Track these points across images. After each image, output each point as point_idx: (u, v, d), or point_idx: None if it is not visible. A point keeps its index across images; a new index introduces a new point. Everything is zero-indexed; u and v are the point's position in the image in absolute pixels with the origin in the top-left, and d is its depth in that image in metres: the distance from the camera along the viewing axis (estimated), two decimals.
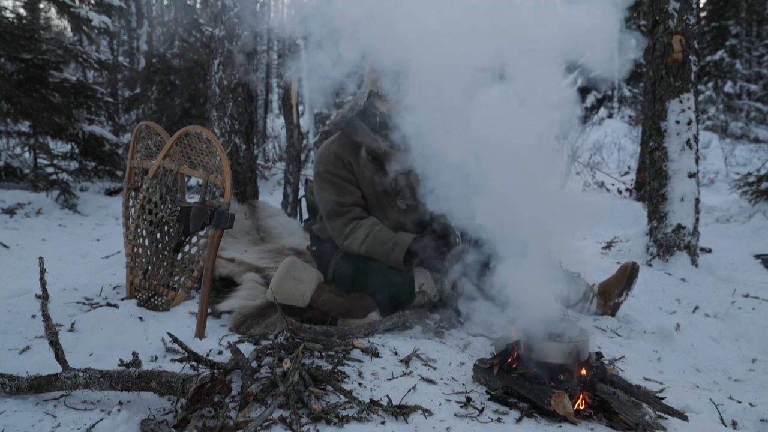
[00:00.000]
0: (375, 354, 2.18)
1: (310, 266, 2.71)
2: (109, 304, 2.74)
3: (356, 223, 2.73)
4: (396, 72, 2.33)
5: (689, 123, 4.07)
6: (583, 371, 1.87)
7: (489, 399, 1.88)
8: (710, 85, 17.36)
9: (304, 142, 10.79)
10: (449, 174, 2.31)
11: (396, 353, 2.24)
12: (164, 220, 2.84)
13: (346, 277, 2.73)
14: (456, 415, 1.76)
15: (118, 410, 1.73)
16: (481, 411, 1.79)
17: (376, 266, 2.66)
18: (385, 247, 2.65)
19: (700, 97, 15.34)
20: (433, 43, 2.10)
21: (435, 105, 2.18)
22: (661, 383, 2.15)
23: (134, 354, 2.15)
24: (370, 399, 1.82)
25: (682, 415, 1.74)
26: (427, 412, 1.74)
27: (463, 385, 2.00)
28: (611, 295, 2.84)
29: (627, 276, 2.84)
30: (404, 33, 2.15)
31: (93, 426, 1.67)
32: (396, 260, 2.64)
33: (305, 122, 13.70)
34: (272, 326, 2.53)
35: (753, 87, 17.41)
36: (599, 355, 2.04)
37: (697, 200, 4.10)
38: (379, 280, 2.63)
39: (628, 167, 9.72)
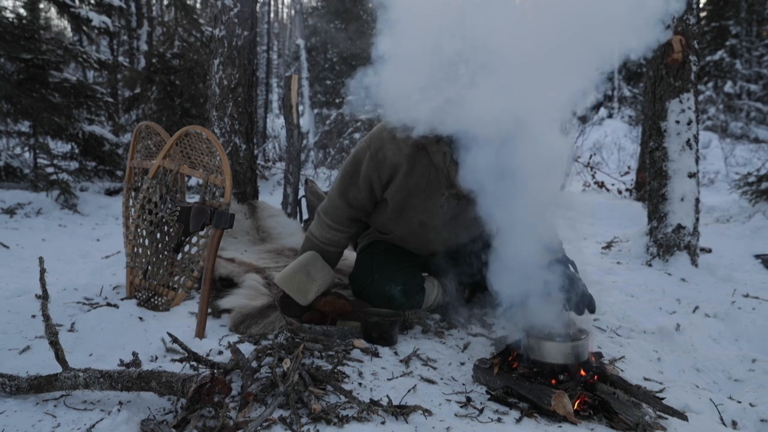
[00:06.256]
0: (375, 354, 2.19)
1: (329, 268, 2.60)
2: (109, 304, 2.74)
3: (324, 221, 2.62)
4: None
5: (689, 123, 4.07)
6: (583, 371, 1.87)
7: (489, 399, 1.88)
8: (710, 85, 17.38)
9: (304, 142, 10.77)
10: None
11: (396, 353, 2.24)
12: (164, 220, 2.84)
13: (356, 287, 2.70)
14: (456, 415, 1.76)
15: (118, 410, 1.73)
16: (481, 411, 1.79)
17: (384, 279, 2.57)
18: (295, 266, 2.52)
19: (700, 97, 15.34)
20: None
21: None
22: (661, 383, 2.14)
23: (134, 354, 2.15)
24: (370, 399, 1.82)
25: (682, 415, 1.74)
26: (427, 412, 1.74)
27: (463, 385, 2.00)
28: None
29: None
30: None
31: (93, 426, 1.67)
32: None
33: (305, 122, 13.71)
34: (271, 326, 2.53)
35: (753, 87, 17.43)
36: (599, 355, 2.04)
37: (697, 200, 4.11)
38: (387, 295, 2.55)
39: (628, 167, 9.72)
